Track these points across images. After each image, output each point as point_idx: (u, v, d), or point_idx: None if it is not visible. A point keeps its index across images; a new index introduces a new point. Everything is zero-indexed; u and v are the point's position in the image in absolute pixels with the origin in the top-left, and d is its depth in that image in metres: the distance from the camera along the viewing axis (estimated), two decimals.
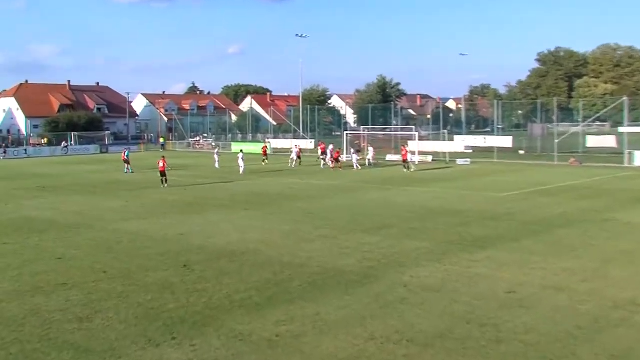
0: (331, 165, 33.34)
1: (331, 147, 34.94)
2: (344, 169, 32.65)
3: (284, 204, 19.71)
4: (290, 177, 29.37)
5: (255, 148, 55.60)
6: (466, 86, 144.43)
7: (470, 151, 42.60)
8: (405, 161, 30.73)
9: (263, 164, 35.77)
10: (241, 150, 33.66)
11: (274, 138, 64.97)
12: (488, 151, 39.98)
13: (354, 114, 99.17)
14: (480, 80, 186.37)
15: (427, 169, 32.78)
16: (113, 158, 52.58)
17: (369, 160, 34.74)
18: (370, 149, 35.80)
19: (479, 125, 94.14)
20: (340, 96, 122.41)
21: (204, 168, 38.19)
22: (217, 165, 38.34)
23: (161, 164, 25.86)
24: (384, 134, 55.69)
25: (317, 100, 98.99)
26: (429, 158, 40.62)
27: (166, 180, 25.52)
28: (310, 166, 34.44)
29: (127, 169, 33.37)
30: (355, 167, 33.34)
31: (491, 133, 56.59)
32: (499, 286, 9.70)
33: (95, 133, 72.41)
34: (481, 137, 45.63)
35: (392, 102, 77.73)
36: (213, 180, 28.83)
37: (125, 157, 34.23)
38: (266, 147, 40.51)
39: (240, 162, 31.92)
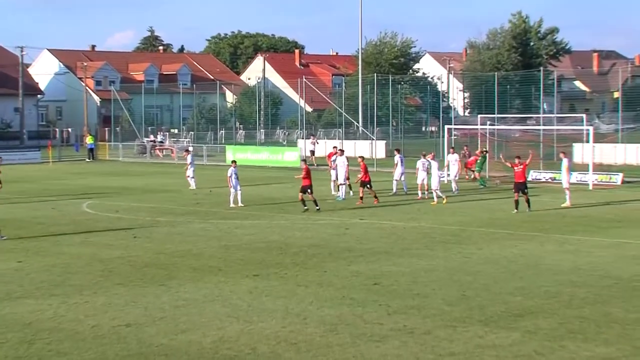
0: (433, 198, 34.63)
1: (426, 162, 36.24)
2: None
3: (326, 265, 20.90)
4: (337, 214, 31.31)
5: (275, 157, 55.84)
6: None
7: None
8: (519, 188, 31.55)
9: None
10: (233, 162, 34.37)
11: (310, 137, 64.61)
12: None
13: (465, 89, 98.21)
14: None
15: (618, 200, 34.42)
16: None
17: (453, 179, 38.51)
18: (454, 159, 39.19)
19: None
20: (436, 56, 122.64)
21: (172, 195, 39.13)
22: (193, 184, 40.38)
23: None
24: (524, 130, 54.87)
25: (394, 64, 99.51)
26: (617, 177, 40.81)
27: None
28: (381, 194, 35.02)
29: None
30: (453, 189, 37.46)
31: None
32: None
33: None
34: None
35: (543, 67, 76.36)
36: (188, 215, 31.09)
37: None
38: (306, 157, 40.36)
39: (234, 183, 33.16)
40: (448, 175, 38.92)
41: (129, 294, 17.51)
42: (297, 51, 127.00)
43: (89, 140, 69.40)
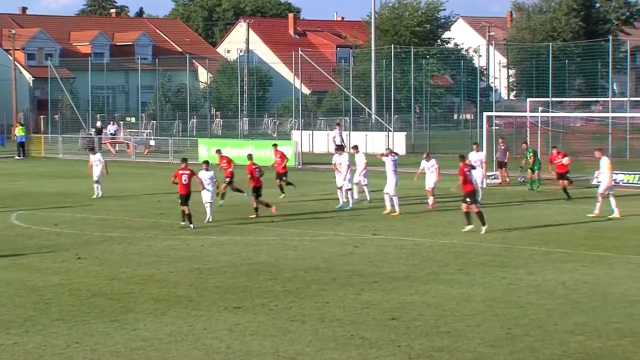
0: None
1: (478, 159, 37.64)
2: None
3: (329, 293, 21.02)
4: (343, 228, 31.34)
5: (262, 153, 55.85)
6: None
7: None
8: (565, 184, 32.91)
9: (280, 197, 38.54)
10: (205, 162, 34.30)
11: (335, 127, 63.91)
12: None
13: (510, 65, 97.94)
14: None
15: None
16: None
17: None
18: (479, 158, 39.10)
19: None
20: (473, 22, 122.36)
21: (129, 203, 39.16)
22: (98, 192, 40.41)
23: None
24: (587, 118, 54.81)
25: (417, 32, 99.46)
26: None
27: None
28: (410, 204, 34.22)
29: None
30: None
31: None
32: None
33: None
34: None
35: (612, 35, 76.37)
36: (149, 229, 31.18)
37: None
38: (282, 154, 40.62)
39: (207, 191, 32.54)
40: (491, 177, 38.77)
41: (71, 333, 17.40)
42: (291, 16, 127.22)
43: (18, 131, 69.14)
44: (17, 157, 66.38)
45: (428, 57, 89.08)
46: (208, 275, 23.08)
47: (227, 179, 36.44)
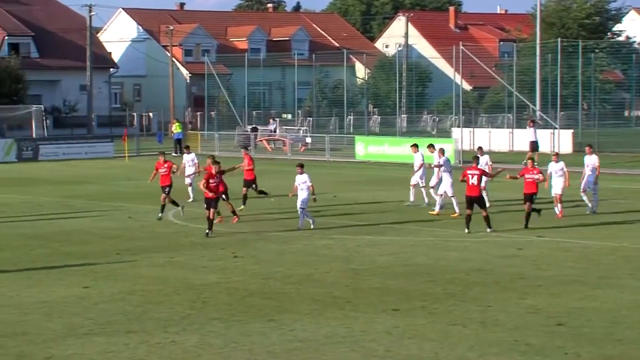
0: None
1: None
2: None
3: (491, 297, 21.00)
4: (506, 229, 31.06)
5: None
6: None
7: None
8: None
9: (239, 208, 35.16)
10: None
11: (530, 124, 61.84)
12: None
13: None
14: None
15: None
16: (54, 176, 55.44)
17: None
18: None
19: None
20: None
21: (286, 198, 39.49)
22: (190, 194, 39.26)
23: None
24: None
25: (585, 25, 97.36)
26: None
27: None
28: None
29: None
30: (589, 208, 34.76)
31: None
32: None
33: (6, 110, 77.24)
34: None
35: None
36: (304, 229, 30.61)
37: None
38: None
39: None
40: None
41: (229, 332, 17.70)
42: (451, 9, 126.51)
43: (175, 128, 70.65)
44: (173, 154, 67.68)
45: (597, 50, 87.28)
46: (365, 276, 23.18)
47: (166, 188, 34.30)
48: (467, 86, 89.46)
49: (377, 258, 25.70)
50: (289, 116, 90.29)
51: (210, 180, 30.12)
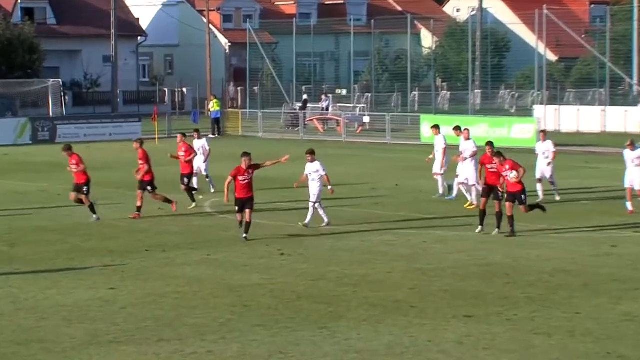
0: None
1: None
2: None
3: (580, 302, 20.96)
4: (595, 223, 31.27)
5: (498, 132, 55.71)
6: None
7: None
8: None
9: (190, 207, 35.12)
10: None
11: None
12: None
13: None
14: None
15: None
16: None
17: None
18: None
19: None
20: None
21: (341, 187, 39.57)
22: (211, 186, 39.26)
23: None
24: None
25: None
26: None
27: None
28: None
29: None
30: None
31: None
32: None
33: (19, 84, 77.35)
34: None
35: None
36: (360, 221, 31.07)
37: None
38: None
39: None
40: None
41: (274, 341, 17.79)
42: None
43: (213, 106, 70.87)
44: (211, 136, 67.92)
45: None
46: (432, 277, 23.21)
47: (185, 177, 35.22)
48: (552, 57, 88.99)
49: (446, 256, 25.74)
50: (344, 92, 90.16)
51: (240, 178, 28.19)
